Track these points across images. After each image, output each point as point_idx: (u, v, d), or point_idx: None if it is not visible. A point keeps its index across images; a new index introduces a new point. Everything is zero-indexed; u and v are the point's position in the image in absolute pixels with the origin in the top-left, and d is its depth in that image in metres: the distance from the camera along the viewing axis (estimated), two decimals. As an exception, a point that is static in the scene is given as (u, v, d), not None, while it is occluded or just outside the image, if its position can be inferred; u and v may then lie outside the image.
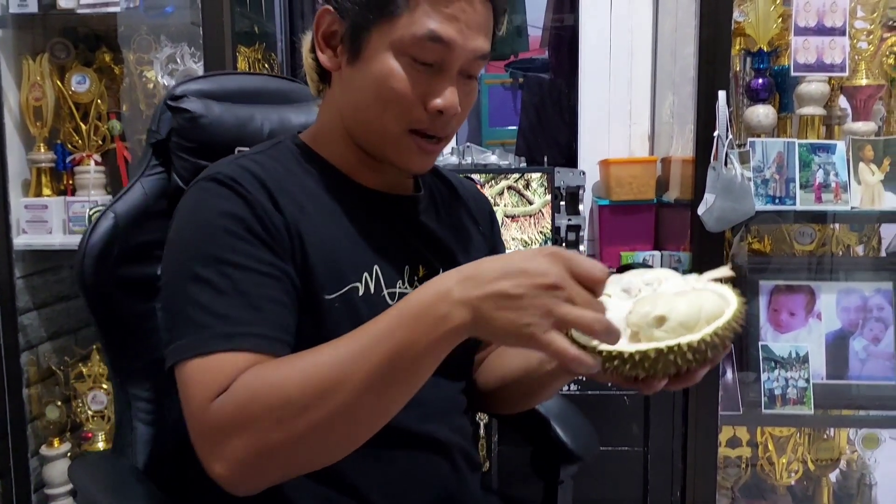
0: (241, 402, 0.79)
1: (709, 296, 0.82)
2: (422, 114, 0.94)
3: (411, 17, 0.91)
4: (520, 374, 1.12)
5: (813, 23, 1.99)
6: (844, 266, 2.22)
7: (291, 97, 1.35)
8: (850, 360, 2.14)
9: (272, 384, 0.79)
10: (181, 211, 0.96)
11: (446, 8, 0.91)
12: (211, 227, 0.90)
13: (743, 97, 2.16)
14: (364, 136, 0.99)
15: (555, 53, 3.04)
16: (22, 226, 2.14)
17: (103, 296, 1.13)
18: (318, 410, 0.77)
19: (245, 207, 0.91)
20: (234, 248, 0.88)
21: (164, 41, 2.16)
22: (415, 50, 0.92)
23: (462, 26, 0.92)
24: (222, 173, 0.93)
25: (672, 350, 0.78)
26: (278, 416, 0.78)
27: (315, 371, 0.78)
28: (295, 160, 1.02)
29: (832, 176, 2.00)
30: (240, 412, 0.79)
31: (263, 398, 0.78)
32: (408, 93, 0.93)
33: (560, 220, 2.37)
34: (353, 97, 0.98)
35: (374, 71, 0.94)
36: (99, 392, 2.22)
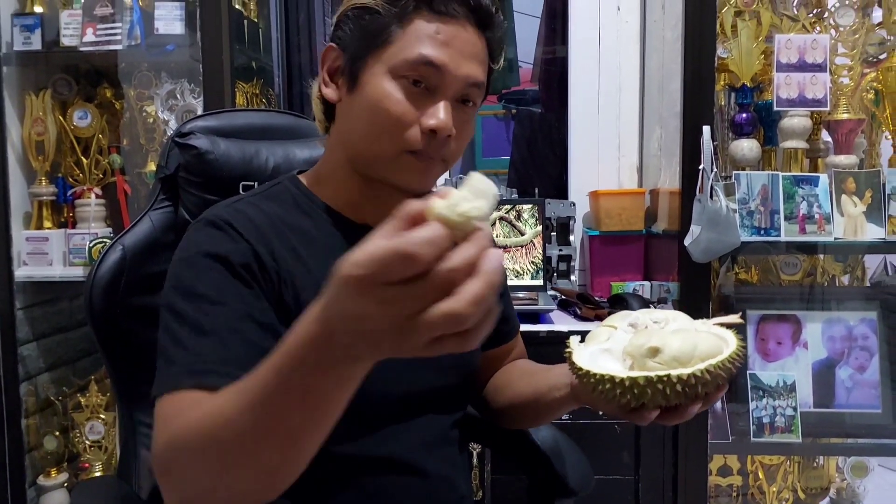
0: (170, 443, 0.77)
1: (707, 336, 0.85)
2: (416, 135, 0.96)
3: (404, 43, 0.95)
4: (529, 398, 1.15)
5: (794, 59, 2.04)
6: (830, 296, 2.25)
7: (297, 133, 1.39)
8: (836, 388, 2.16)
9: (185, 430, 0.75)
10: (177, 250, 0.98)
11: (438, 34, 0.95)
12: (196, 266, 0.92)
13: (728, 131, 2.21)
14: (363, 160, 1.01)
15: (545, 87, 3.10)
16: (23, 258, 2.18)
17: (111, 324, 1.16)
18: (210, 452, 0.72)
19: (234, 250, 0.93)
20: (216, 286, 0.90)
21: (165, 77, 2.21)
22: (408, 72, 0.95)
23: (453, 52, 0.95)
24: (218, 216, 0.97)
25: (661, 380, 0.80)
26: (197, 458, 0.74)
27: (211, 422, 0.72)
28: (293, 201, 1.05)
29: (815, 208, 2.04)
30: (168, 454, 0.77)
31: (185, 439, 0.75)
32: (402, 114, 0.95)
33: (551, 250, 2.41)
34: (353, 123, 1.00)
35: (369, 94, 0.96)
36: (97, 422, 2.24)
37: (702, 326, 0.89)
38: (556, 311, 2.19)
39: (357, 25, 0.99)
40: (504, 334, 1.28)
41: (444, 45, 0.95)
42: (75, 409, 2.26)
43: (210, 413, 0.72)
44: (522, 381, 1.19)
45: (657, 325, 0.92)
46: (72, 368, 2.39)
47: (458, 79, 0.96)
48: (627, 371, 0.84)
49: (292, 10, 2.91)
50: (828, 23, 2.11)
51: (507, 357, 1.30)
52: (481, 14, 0.98)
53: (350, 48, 1.00)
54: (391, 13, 0.96)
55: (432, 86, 0.96)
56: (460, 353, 0.60)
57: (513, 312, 1.32)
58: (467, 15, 0.97)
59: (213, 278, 0.91)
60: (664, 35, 2.37)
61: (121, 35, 2.14)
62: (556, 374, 1.10)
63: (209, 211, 1.00)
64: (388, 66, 0.95)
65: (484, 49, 1.00)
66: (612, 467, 2.05)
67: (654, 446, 2.04)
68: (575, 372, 0.89)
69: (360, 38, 0.98)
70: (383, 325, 0.56)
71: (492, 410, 1.26)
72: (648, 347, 0.83)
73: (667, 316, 0.93)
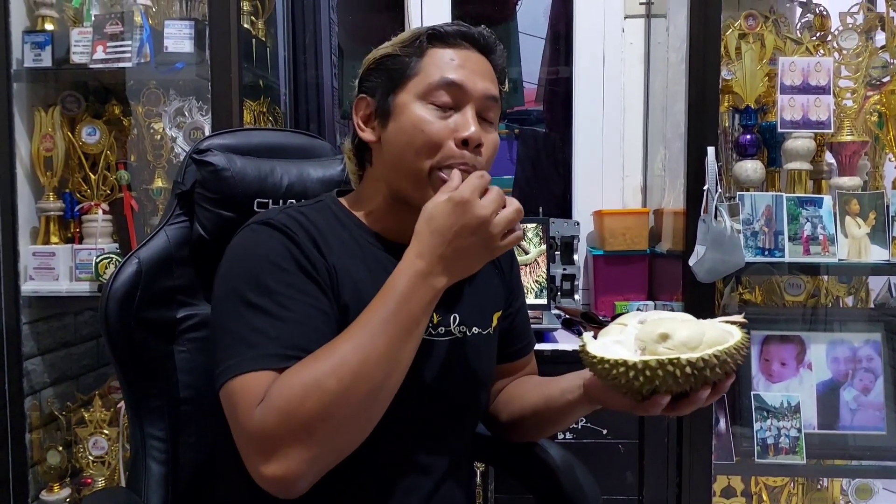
0: (284, 408, 0.87)
1: (714, 327, 0.91)
2: (451, 149, 1.05)
3: (426, 71, 1.07)
4: (539, 404, 1.19)
5: (798, 82, 2.06)
6: (834, 317, 2.25)
7: (311, 152, 1.42)
8: (840, 410, 2.16)
9: (308, 385, 0.88)
10: (235, 248, 1.04)
11: (453, 60, 1.08)
12: (265, 262, 1.00)
13: (732, 152, 2.22)
14: (406, 186, 1.08)
15: (549, 108, 3.12)
16: (29, 272, 2.19)
17: (125, 337, 1.17)
18: (357, 393, 0.88)
19: (294, 248, 1.01)
20: (285, 282, 0.98)
21: (173, 95, 2.22)
22: (434, 97, 1.06)
23: (468, 72, 1.07)
24: (274, 219, 1.04)
25: (672, 362, 0.86)
26: (324, 413, 0.87)
27: (342, 362, 0.89)
28: (333, 216, 1.12)
29: (819, 229, 2.05)
30: (287, 419, 0.87)
31: (306, 400, 0.87)
32: (437, 130, 1.05)
33: (555, 269, 2.41)
34: (393, 154, 1.08)
35: (404, 121, 1.06)
36: (100, 437, 2.24)
37: (707, 322, 0.95)
38: (560, 329, 2.20)
39: (381, 71, 1.11)
40: (519, 350, 1.32)
41: (459, 67, 1.07)
42: (79, 424, 2.26)
43: (339, 359, 0.89)
44: (534, 390, 1.24)
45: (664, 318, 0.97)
46: (76, 383, 2.39)
47: (478, 93, 1.07)
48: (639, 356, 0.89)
49: (299, 30, 2.94)
50: (831, 46, 2.12)
51: (520, 372, 1.34)
52: (484, 43, 1.12)
53: (378, 91, 1.10)
54: (409, 52, 1.09)
55: (456, 103, 1.06)
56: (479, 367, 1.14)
57: (529, 330, 1.36)
58: (473, 45, 1.11)
59: (286, 276, 0.99)
60: (668, 57, 2.39)
61: (130, 53, 2.16)
62: (568, 379, 1.16)
63: (262, 215, 1.07)
64: (415, 93, 1.07)
65: (492, 70, 1.12)
66: (615, 487, 2.05)
67: (658, 466, 2.04)
68: (589, 361, 0.95)
69: (386, 80, 1.10)
70: (475, 232, 0.94)
71: (501, 424, 1.29)
72: (659, 333, 0.89)
73: (674, 317, 0.97)
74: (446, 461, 1.15)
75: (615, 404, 1.02)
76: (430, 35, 1.09)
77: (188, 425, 0.90)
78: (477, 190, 0.95)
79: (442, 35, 1.09)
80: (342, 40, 3.32)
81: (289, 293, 0.97)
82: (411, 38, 1.09)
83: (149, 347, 1.20)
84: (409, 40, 1.09)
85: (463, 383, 1.15)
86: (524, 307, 1.35)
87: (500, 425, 1.29)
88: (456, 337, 1.14)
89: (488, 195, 0.95)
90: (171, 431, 1.20)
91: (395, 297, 0.93)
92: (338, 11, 3.20)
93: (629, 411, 0.98)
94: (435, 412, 1.11)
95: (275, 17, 2.75)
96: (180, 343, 1.24)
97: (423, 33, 1.09)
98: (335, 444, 0.90)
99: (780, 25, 2.14)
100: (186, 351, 1.24)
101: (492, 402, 1.30)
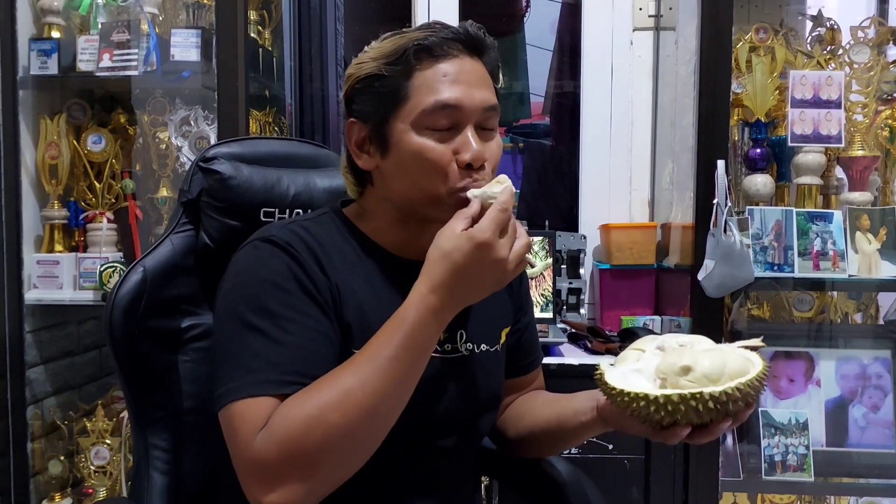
0: (286, 441, 0.86)
1: (734, 356, 0.89)
2: (457, 174, 1.01)
3: (418, 96, 1.01)
4: (551, 423, 1.17)
5: (809, 95, 2.04)
6: (843, 334, 2.23)
7: (317, 162, 1.40)
8: (849, 427, 2.14)
9: (312, 418, 0.87)
10: (237, 266, 1.03)
11: (445, 76, 1.01)
12: (266, 283, 0.98)
13: (741, 166, 2.21)
14: (416, 207, 1.05)
15: (556, 120, 3.11)
16: (33, 281, 2.18)
17: (129, 346, 1.16)
18: (360, 427, 0.88)
19: (297, 267, 0.99)
20: (287, 303, 0.96)
21: (179, 104, 2.22)
22: (430, 121, 1.01)
23: (463, 87, 1.01)
24: (276, 236, 1.02)
25: (695, 397, 0.85)
26: (327, 447, 0.86)
27: (346, 395, 0.88)
28: (337, 230, 1.09)
29: (829, 244, 2.03)
30: (289, 451, 0.86)
31: (309, 433, 0.86)
32: (440, 158, 1.01)
33: (561, 283, 2.40)
34: (399, 183, 1.05)
35: (405, 152, 1.02)
36: (102, 447, 2.22)
37: (727, 348, 0.93)
38: (566, 344, 2.18)
39: (370, 94, 1.05)
40: (527, 365, 1.31)
41: (453, 83, 1.01)
42: (81, 433, 2.25)
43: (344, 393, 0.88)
44: (544, 408, 1.22)
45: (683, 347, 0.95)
46: (78, 393, 2.38)
47: (476, 108, 1.02)
48: (660, 389, 0.88)
49: (305, 40, 2.93)
50: (842, 60, 2.12)
51: (527, 387, 1.32)
52: (475, 43, 1.05)
53: (371, 117, 1.05)
54: (397, 72, 1.02)
55: (454, 124, 1.01)
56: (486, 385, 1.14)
57: (537, 344, 1.34)
58: (462, 49, 1.04)
59: (287, 297, 0.97)
60: (677, 70, 2.38)
61: (137, 61, 2.15)
62: (581, 400, 1.13)
63: (265, 231, 1.05)
64: (410, 122, 1.01)
65: (486, 72, 1.06)
66: (621, 503, 2.03)
67: (664, 483, 2.02)
68: (608, 392, 0.93)
69: (377, 105, 1.04)
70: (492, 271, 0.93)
71: (509, 439, 1.27)
72: (681, 366, 0.87)
73: (692, 340, 0.97)
74: (451, 476, 1.13)
75: (631, 430, 1.00)
76: (416, 50, 1.01)
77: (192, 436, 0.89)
78: (499, 228, 0.92)
79: (427, 47, 1.01)
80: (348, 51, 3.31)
81: (290, 315, 0.96)
82: (395, 54, 1.02)
83: (153, 357, 1.19)
84: (394, 56, 1.02)
85: (470, 402, 1.14)
86: (533, 322, 1.33)
87: (507, 441, 1.27)
88: (462, 355, 1.12)
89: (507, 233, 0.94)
90: (175, 442, 1.18)
91: (404, 331, 0.92)
92: (344, 22, 3.19)
93: (645, 437, 0.96)
94: (441, 430, 1.10)
95: (281, 27, 2.75)
96: (185, 353, 1.23)
97: (408, 48, 1.01)
98: (335, 475, 0.90)
99: (791, 38, 2.13)
100: (191, 361, 1.23)
101: (499, 417, 1.28)
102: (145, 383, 1.19)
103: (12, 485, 2.11)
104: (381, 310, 1.02)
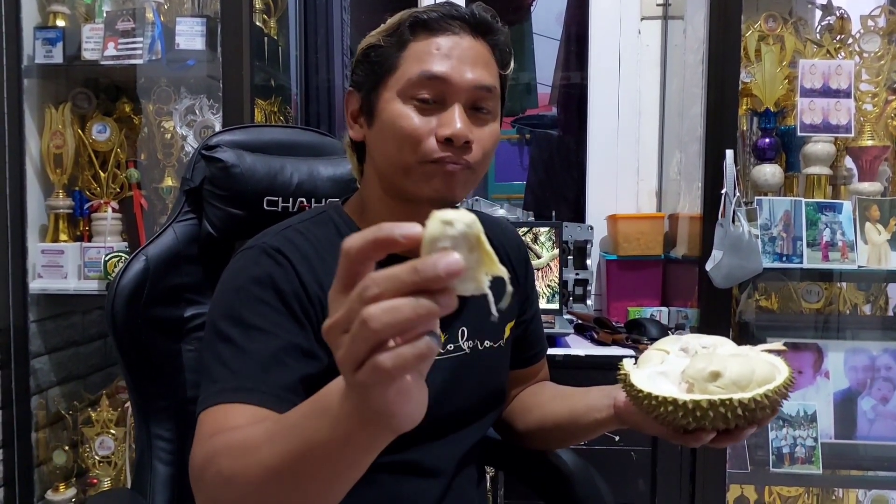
0: (195, 465, 0.80)
1: (761, 362, 0.88)
2: (432, 145, 0.98)
3: (407, 65, 0.99)
4: (563, 418, 1.15)
5: (818, 85, 2.03)
6: (852, 325, 2.22)
7: (321, 150, 1.39)
8: (858, 419, 2.13)
9: (214, 454, 0.77)
10: (226, 273, 1.00)
11: (436, 49, 0.98)
12: (244, 292, 0.95)
13: (750, 156, 2.19)
14: (392, 180, 1.02)
15: (563, 111, 3.09)
16: (38, 270, 2.17)
17: (132, 335, 1.16)
18: (238, 489, 0.72)
19: (283, 278, 0.96)
20: (258, 312, 0.93)
21: (184, 93, 2.21)
22: (415, 91, 0.98)
23: (454, 62, 0.98)
24: (268, 243, 0.99)
25: (724, 403, 0.84)
26: (216, 488, 0.75)
27: (249, 443, 0.73)
28: (335, 229, 1.07)
29: (839, 235, 2.02)
30: (193, 472, 0.80)
31: (218, 459, 0.76)
32: (416, 128, 0.98)
33: (568, 274, 2.38)
34: (379, 150, 1.03)
35: (385, 119, 1.00)
36: (107, 437, 2.22)
37: (750, 352, 0.92)
38: (572, 335, 2.17)
39: (366, 64, 1.03)
40: (533, 356, 1.29)
41: (444, 57, 0.98)
42: (85, 423, 2.25)
43: (244, 447, 0.73)
44: (556, 402, 1.19)
45: (707, 349, 0.94)
46: (83, 383, 2.38)
47: (465, 85, 0.98)
48: (689, 395, 0.86)
49: (311, 29, 2.92)
50: (852, 48, 2.10)
51: (532, 379, 1.30)
52: (478, 22, 1.01)
53: (363, 86, 1.04)
54: (392, 43, 1.00)
55: (441, 98, 0.98)
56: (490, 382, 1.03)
57: (542, 335, 1.32)
58: (462, 27, 1.00)
59: (261, 307, 0.93)
60: (685, 59, 2.36)
61: (142, 50, 2.14)
62: (595, 396, 1.11)
63: (259, 238, 1.02)
64: (395, 90, 0.99)
65: (488, 53, 1.02)
66: (627, 495, 2.03)
67: (671, 475, 2.01)
68: (633, 394, 0.91)
69: (370, 74, 1.03)
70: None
71: (517, 431, 1.25)
72: (710, 371, 0.86)
73: (714, 341, 0.95)
74: (455, 467, 1.12)
75: (649, 430, 0.98)
76: (413, 23, 1.00)
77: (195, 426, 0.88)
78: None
79: (425, 21, 0.99)
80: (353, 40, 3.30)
81: (261, 324, 0.92)
82: (395, 26, 1.01)
83: (156, 346, 1.18)
84: (393, 28, 1.01)
85: (474, 400, 1.12)
86: (538, 313, 1.31)
87: (515, 433, 1.26)
88: (465, 353, 1.10)
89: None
90: (178, 432, 1.18)
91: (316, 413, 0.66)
92: (350, 11, 3.18)
93: (666, 439, 0.95)
94: (444, 428, 1.08)
95: (287, 16, 2.74)
96: (188, 342, 1.22)
97: (405, 20, 1.00)
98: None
99: (801, 27, 2.11)
100: (194, 350, 1.22)
101: (504, 409, 1.27)
102: (148, 372, 1.18)
103: (17, 475, 2.11)
104: None
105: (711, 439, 0.89)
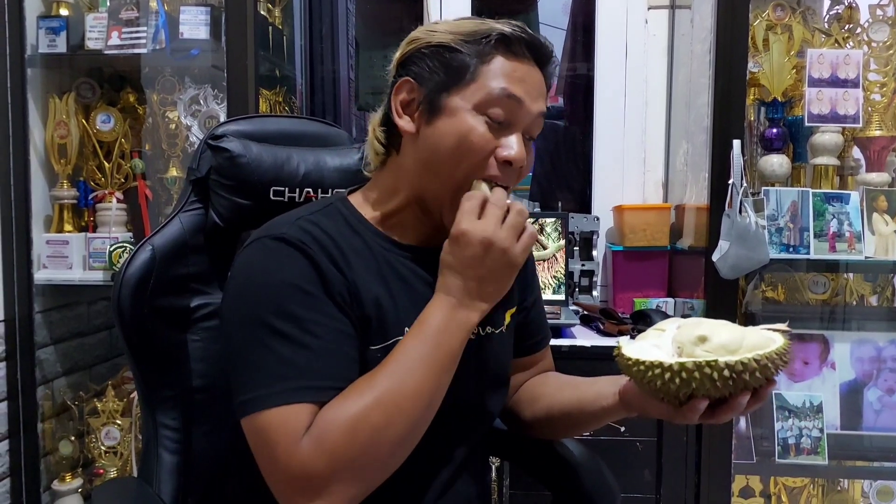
0: (332, 449, 0.86)
1: (755, 332, 0.89)
2: (493, 165, 1.02)
3: (488, 79, 1.01)
4: (571, 407, 1.16)
5: (827, 75, 2.01)
6: (858, 316, 2.22)
7: (328, 141, 1.38)
8: (864, 410, 2.13)
9: (355, 421, 0.88)
10: (250, 267, 0.99)
11: (514, 72, 1.01)
12: (287, 286, 0.95)
13: (757, 146, 2.18)
14: (432, 188, 1.04)
15: (570, 101, 3.08)
16: (43, 261, 2.17)
17: (138, 325, 1.15)
18: (401, 426, 0.89)
19: (316, 268, 0.97)
20: (311, 306, 0.95)
21: (188, 83, 2.20)
22: (490, 108, 1.01)
23: (528, 88, 1.02)
24: (288, 234, 0.99)
25: (710, 364, 0.85)
26: (372, 448, 0.87)
27: (384, 396, 0.89)
28: (344, 221, 1.07)
29: (846, 226, 2.01)
30: (337, 460, 0.86)
31: (355, 438, 0.87)
32: (483, 146, 1.01)
33: (574, 265, 2.38)
34: (429, 153, 1.03)
35: (453, 127, 1.01)
36: (113, 428, 2.23)
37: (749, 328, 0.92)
38: (578, 325, 2.17)
39: (437, 62, 1.03)
40: (535, 344, 1.30)
41: (521, 81, 1.02)
42: (91, 414, 2.25)
43: (382, 394, 0.89)
44: (563, 391, 1.20)
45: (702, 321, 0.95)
46: (89, 373, 2.38)
47: (532, 113, 1.03)
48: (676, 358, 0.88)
49: (316, 19, 2.91)
50: (861, 38, 2.08)
51: (536, 366, 1.31)
52: (544, 53, 1.05)
53: (429, 83, 1.04)
54: (472, 52, 1.02)
55: (507, 121, 1.02)
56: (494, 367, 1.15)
57: (545, 323, 1.33)
58: (533, 56, 1.04)
59: (306, 298, 0.95)
60: (692, 49, 2.34)
61: (146, 39, 2.13)
62: (603, 384, 1.12)
63: (273, 228, 1.02)
64: (472, 102, 1.01)
65: (544, 85, 1.07)
66: (633, 485, 2.03)
67: (677, 465, 2.01)
68: (624, 364, 0.94)
69: (441, 73, 1.03)
70: (498, 260, 0.96)
71: (524, 421, 1.25)
72: (697, 336, 0.87)
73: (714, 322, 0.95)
74: (460, 457, 1.12)
75: (653, 411, 0.99)
76: (500, 38, 1.01)
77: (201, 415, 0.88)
78: (513, 230, 0.98)
79: (510, 42, 1.01)
80: (358, 31, 3.29)
81: (316, 319, 0.94)
82: (476, 36, 1.02)
83: (162, 336, 1.18)
84: (473, 37, 1.02)
85: (478, 385, 1.13)
86: (539, 301, 1.32)
87: (522, 422, 1.26)
88: (470, 338, 1.09)
89: (508, 219, 0.97)
90: (184, 421, 1.18)
91: (430, 334, 0.95)
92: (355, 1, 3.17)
93: (667, 419, 0.96)
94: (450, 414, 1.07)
95: (292, 5, 2.73)
96: (194, 332, 1.22)
97: (491, 34, 1.01)
98: (378, 477, 0.91)
99: (809, 17, 2.10)
100: (200, 340, 1.22)
101: (510, 398, 1.27)
102: (154, 362, 1.18)
103: (23, 465, 2.12)
104: (395, 302, 1.02)
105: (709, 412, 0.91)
